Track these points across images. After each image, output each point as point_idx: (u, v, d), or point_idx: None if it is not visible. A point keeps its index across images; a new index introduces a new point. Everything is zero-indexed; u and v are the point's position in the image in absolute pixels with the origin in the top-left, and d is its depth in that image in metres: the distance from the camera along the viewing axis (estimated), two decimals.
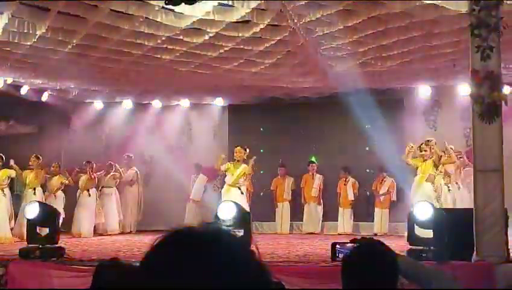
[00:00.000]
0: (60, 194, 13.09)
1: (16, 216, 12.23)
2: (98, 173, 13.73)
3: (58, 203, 12.21)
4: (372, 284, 2.26)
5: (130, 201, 14.58)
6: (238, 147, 11.32)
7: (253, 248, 1.12)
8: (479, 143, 7.25)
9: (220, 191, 11.94)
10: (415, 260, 2.94)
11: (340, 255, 3.25)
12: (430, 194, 10.35)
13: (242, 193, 10.95)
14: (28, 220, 8.43)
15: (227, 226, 1.15)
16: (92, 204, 13.29)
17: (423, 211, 7.46)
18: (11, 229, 11.98)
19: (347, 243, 3.06)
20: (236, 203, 8.38)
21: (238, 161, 11.12)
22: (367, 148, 14.47)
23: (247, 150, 11.40)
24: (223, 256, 1.03)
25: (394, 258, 2.39)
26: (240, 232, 6.80)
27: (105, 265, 2.99)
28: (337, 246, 3.52)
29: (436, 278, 2.37)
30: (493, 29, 7.08)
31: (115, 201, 14.05)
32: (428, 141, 10.97)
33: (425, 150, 10.75)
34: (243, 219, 8.09)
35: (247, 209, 9.85)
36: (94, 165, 13.55)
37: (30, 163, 12.57)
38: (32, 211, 8.34)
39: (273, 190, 14.66)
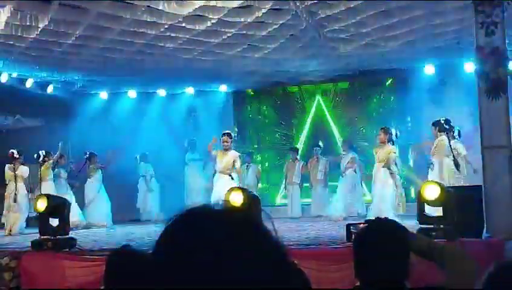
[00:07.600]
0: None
1: None
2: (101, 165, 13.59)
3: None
4: (384, 262, 2.26)
5: (142, 192, 14.68)
6: (225, 136, 11.00)
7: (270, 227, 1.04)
8: (485, 120, 7.23)
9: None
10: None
11: None
12: (387, 179, 10.45)
13: (232, 179, 10.66)
14: (39, 212, 8.45)
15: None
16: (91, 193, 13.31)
17: (431, 190, 7.45)
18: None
19: (361, 223, 3.06)
20: (244, 189, 8.31)
21: (225, 149, 10.82)
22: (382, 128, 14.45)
23: (232, 137, 11.08)
24: (241, 235, 0.96)
25: (405, 235, 2.38)
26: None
27: (117, 253, 2.98)
28: (351, 227, 3.50)
29: (449, 254, 2.36)
30: (497, 5, 7.04)
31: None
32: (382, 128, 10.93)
33: (378, 134, 10.81)
34: (252, 203, 8.06)
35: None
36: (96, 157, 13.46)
37: (40, 160, 12.36)
38: (40, 204, 8.36)
39: (285, 173, 14.64)
